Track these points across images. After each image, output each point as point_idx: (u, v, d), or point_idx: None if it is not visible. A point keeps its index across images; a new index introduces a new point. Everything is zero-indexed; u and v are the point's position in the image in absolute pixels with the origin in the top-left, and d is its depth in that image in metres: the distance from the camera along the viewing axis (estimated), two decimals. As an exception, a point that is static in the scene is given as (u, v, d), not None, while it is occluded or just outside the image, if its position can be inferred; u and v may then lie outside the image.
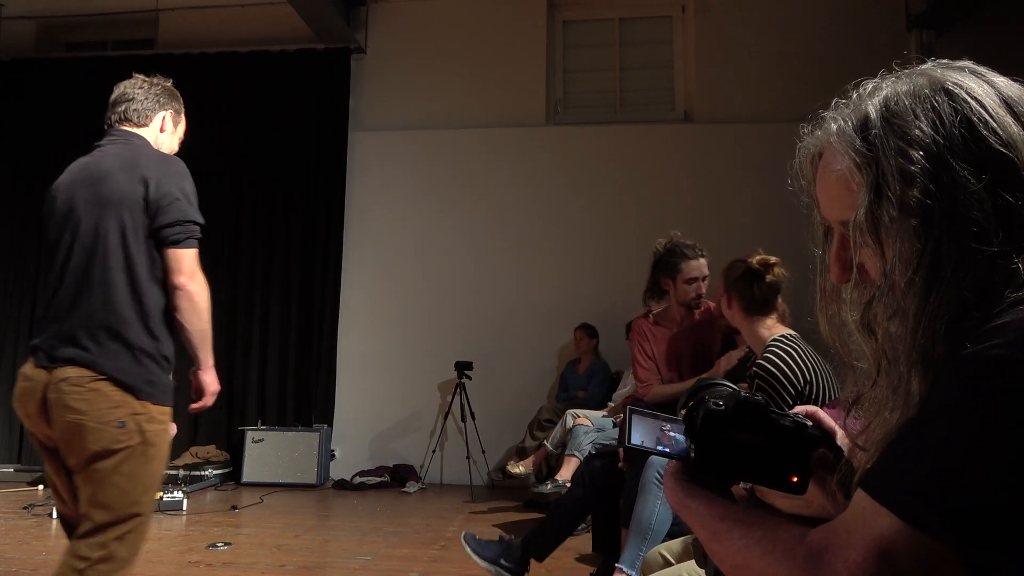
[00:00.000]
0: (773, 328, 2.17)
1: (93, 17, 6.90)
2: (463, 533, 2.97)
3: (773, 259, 2.17)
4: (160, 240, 1.86)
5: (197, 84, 6.56)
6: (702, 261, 3.06)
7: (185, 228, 1.87)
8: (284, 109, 6.45)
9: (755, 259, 2.17)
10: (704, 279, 3.07)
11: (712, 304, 3.10)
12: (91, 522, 1.78)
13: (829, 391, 2.03)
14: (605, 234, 6.16)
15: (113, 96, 2.08)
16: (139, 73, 2.14)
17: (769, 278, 2.15)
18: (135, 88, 2.07)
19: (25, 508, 4.66)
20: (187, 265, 1.87)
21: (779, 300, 2.20)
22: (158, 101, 2.09)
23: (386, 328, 6.34)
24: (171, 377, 1.93)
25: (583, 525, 3.37)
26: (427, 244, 6.37)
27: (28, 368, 1.85)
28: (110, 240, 1.84)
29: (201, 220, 1.93)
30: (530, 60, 6.46)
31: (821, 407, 1.02)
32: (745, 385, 2.37)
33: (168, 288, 1.88)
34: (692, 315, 3.14)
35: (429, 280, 6.32)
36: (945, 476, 0.60)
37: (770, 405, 0.90)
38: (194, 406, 2.00)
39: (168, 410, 1.91)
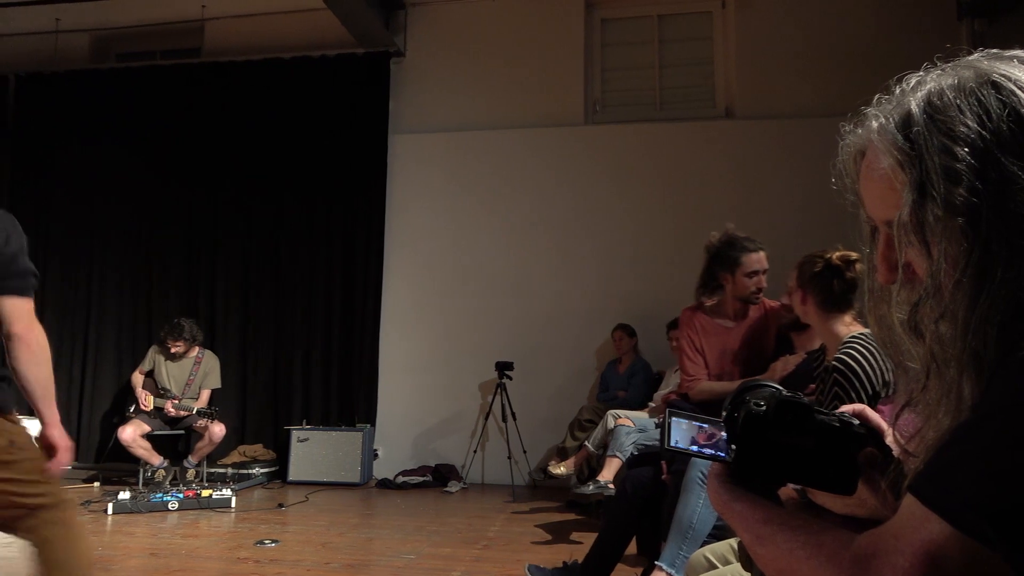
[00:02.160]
0: (851, 326, 2.11)
1: (143, 28, 7.11)
2: (527, 566, 3.04)
3: (854, 255, 2.11)
4: None
5: (242, 90, 6.80)
6: (762, 254, 2.97)
7: (22, 281, 1.89)
8: (325, 113, 6.55)
9: (835, 255, 2.12)
10: (764, 273, 2.97)
11: (772, 303, 3.02)
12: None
13: None
14: (645, 233, 6.11)
15: None
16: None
17: (849, 275, 2.10)
18: None
19: (82, 504, 4.82)
20: (23, 314, 1.89)
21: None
22: None
23: (427, 329, 6.39)
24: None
25: None
26: (467, 245, 6.40)
27: None
28: None
29: (35, 270, 1.95)
30: (568, 59, 6.44)
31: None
32: (813, 387, 2.33)
33: (3, 338, 1.88)
34: (747, 311, 3.04)
35: (469, 280, 6.36)
36: (997, 481, 0.58)
37: (815, 404, 0.88)
38: (50, 466, 1.94)
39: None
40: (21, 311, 1.89)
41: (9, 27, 6.97)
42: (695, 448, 0.88)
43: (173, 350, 5.64)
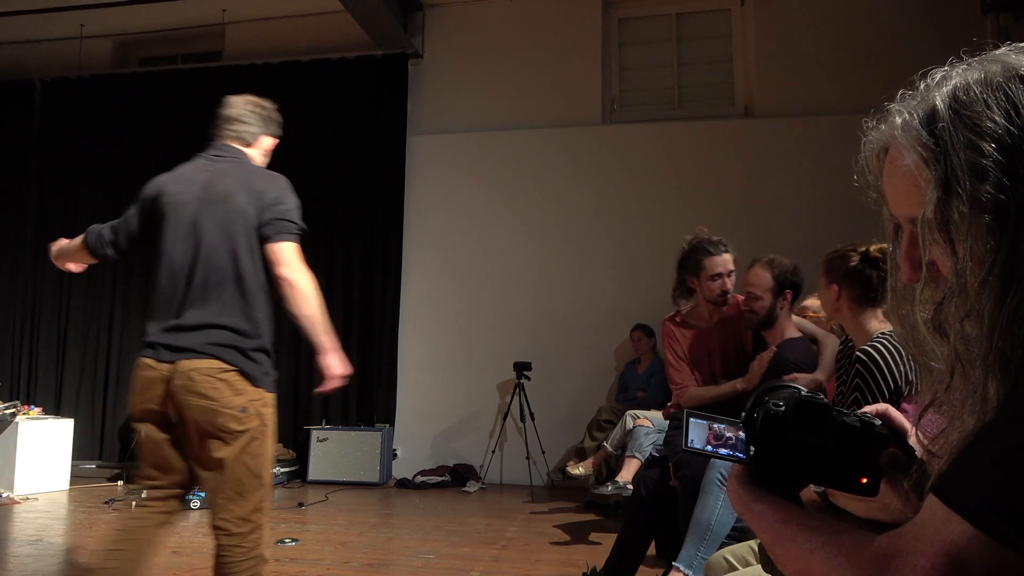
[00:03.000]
0: (883, 322, 2.09)
1: (164, 32, 7.20)
2: None
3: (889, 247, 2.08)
4: (262, 237, 2.05)
5: (262, 92, 6.73)
6: (726, 256, 2.98)
7: (283, 225, 2.07)
8: (344, 114, 6.59)
9: (871, 247, 2.08)
10: (730, 274, 2.99)
11: (740, 297, 3.03)
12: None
13: None
14: (664, 233, 6.06)
15: (226, 111, 2.28)
16: (249, 93, 2.38)
17: (885, 266, 2.07)
18: (249, 111, 2.32)
19: (106, 503, 4.89)
20: (287, 257, 2.04)
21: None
22: (266, 126, 2.37)
23: (445, 329, 6.41)
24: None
25: None
26: (485, 245, 6.41)
27: (149, 361, 2.01)
28: (231, 256, 2.04)
29: (300, 223, 2.12)
30: (586, 59, 6.43)
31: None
32: (790, 376, 2.30)
33: (272, 282, 2.05)
34: (721, 312, 3.06)
35: (488, 281, 6.36)
36: (1021, 483, 0.57)
37: (834, 405, 0.87)
38: (319, 389, 2.13)
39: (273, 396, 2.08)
40: (284, 254, 2.04)
41: (35, 33, 7.10)
42: (712, 448, 0.87)
43: (194, 350, 5.70)
